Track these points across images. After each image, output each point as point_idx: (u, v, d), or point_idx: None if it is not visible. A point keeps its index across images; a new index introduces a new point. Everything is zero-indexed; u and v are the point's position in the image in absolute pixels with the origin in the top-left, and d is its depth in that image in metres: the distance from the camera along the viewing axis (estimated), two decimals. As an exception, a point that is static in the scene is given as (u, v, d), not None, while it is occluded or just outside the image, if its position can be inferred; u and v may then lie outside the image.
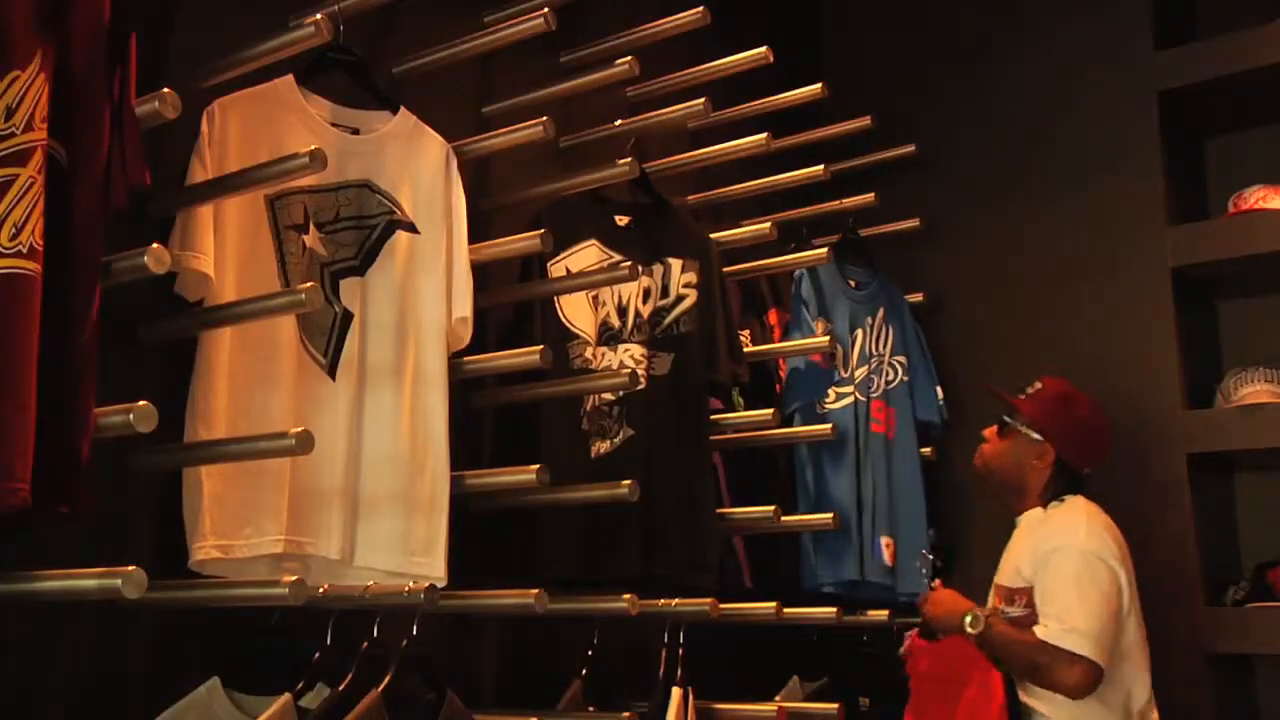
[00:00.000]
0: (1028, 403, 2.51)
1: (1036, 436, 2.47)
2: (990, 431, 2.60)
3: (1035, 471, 2.47)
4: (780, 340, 2.85)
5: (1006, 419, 2.54)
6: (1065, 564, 2.30)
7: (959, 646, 2.37)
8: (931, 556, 2.93)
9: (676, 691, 2.06)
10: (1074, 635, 2.22)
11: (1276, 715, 2.85)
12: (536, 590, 1.75)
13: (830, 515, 2.54)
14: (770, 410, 2.50)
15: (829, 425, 2.65)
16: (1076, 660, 2.21)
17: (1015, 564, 2.41)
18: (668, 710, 2.03)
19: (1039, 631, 2.25)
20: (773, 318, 2.89)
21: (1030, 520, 2.48)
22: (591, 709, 2.05)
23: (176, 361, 1.64)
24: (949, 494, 3.12)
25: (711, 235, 2.54)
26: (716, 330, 2.41)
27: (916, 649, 2.49)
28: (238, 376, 1.65)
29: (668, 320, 2.37)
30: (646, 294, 2.35)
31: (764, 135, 2.63)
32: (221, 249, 1.66)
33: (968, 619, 2.31)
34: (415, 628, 1.69)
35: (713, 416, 2.44)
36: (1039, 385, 2.56)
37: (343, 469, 1.77)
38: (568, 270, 2.27)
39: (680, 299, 2.39)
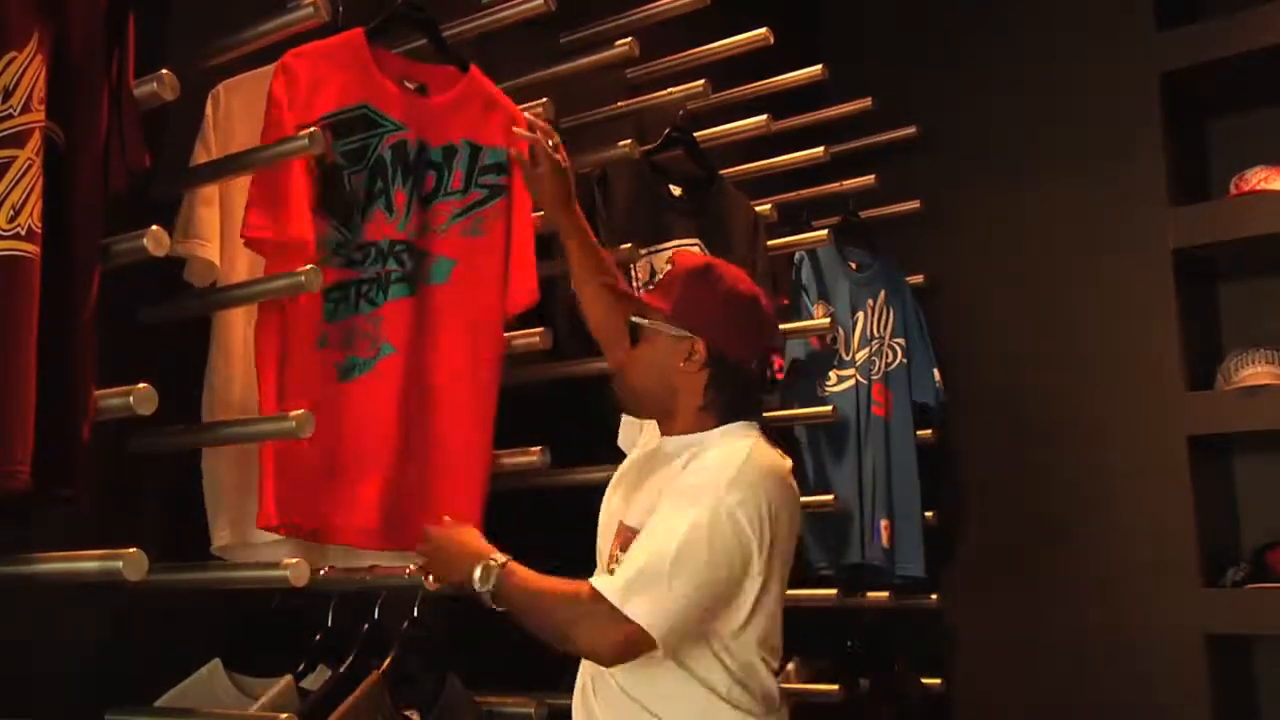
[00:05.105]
0: (656, 293, 1.84)
1: (677, 331, 1.77)
2: (624, 347, 1.88)
3: (684, 377, 1.76)
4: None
5: (635, 319, 1.82)
6: (686, 507, 1.63)
7: None
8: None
9: None
10: (638, 598, 1.56)
11: (1274, 695, 2.86)
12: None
13: (830, 496, 2.55)
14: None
15: (830, 407, 2.65)
16: (623, 623, 1.56)
17: (653, 499, 1.72)
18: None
19: (595, 579, 1.61)
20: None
21: (683, 445, 1.77)
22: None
23: (177, 344, 1.64)
24: (948, 477, 3.12)
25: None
26: None
27: None
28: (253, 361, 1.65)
29: None
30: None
31: (764, 117, 2.63)
32: (230, 231, 1.65)
33: (477, 571, 1.61)
34: (416, 610, 1.69)
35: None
36: (668, 268, 1.93)
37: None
38: None
39: None
